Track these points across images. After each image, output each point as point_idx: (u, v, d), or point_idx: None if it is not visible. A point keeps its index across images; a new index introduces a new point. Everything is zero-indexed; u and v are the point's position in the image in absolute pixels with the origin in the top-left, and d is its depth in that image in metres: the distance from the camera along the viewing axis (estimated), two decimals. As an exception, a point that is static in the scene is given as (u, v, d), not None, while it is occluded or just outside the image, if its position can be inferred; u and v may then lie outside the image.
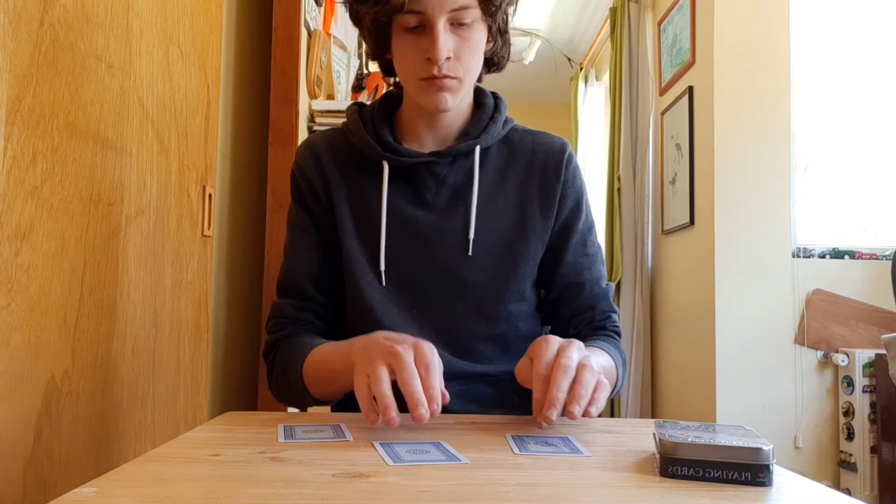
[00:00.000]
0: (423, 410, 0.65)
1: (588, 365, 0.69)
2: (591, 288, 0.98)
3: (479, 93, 0.98)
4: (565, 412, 0.67)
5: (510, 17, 0.92)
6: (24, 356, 0.79)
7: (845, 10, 2.84)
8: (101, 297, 0.95)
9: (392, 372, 0.68)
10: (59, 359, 0.85)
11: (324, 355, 0.85)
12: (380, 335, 0.75)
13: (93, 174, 0.93)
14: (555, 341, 0.72)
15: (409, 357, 0.69)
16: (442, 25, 0.82)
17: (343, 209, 0.93)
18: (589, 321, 0.98)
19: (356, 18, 0.90)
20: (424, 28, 0.83)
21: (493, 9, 0.85)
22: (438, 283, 0.92)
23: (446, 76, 0.84)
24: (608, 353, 0.90)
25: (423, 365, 0.68)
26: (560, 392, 0.67)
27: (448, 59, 0.83)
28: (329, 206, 0.95)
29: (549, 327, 1.03)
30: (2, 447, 0.75)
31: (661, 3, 3.50)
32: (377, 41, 0.90)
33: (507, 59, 0.97)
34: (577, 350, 0.71)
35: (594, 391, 0.69)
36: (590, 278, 0.98)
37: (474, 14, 0.84)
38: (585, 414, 0.67)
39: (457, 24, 0.83)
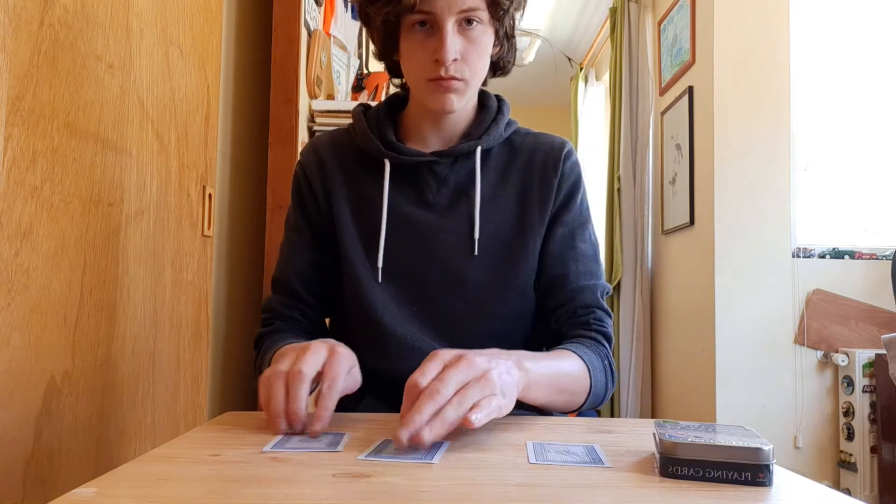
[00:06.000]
0: (283, 426, 0.65)
1: (491, 380, 0.64)
2: (576, 280, 0.94)
3: (482, 95, 1.00)
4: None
5: (517, 22, 0.93)
6: (24, 356, 0.79)
7: (845, 10, 2.84)
8: (101, 297, 0.95)
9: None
10: (59, 359, 0.85)
11: (284, 353, 0.85)
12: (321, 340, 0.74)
13: (93, 174, 0.93)
14: (442, 358, 0.66)
15: (313, 360, 0.68)
16: (450, 26, 0.84)
17: (343, 210, 0.95)
18: (570, 314, 0.93)
19: (366, 19, 0.91)
20: (433, 29, 0.85)
21: (501, 12, 0.87)
22: (439, 281, 0.92)
23: (453, 77, 0.86)
24: (580, 355, 0.85)
25: (328, 377, 0.68)
26: (420, 417, 0.60)
27: (455, 60, 0.85)
28: (328, 207, 0.96)
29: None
30: (2, 447, 0.75)
31: (661, 3, 3.50)
32: (386, 42, 0.92)
33: (513, 65, 0.98)
34: (461, 372, 0.63)
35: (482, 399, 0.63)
36: (574, 270, 0.94)
37: (483, 16, 0.85)
38: (465, 422, 0.61)
39: (465, 27, 0.85)
